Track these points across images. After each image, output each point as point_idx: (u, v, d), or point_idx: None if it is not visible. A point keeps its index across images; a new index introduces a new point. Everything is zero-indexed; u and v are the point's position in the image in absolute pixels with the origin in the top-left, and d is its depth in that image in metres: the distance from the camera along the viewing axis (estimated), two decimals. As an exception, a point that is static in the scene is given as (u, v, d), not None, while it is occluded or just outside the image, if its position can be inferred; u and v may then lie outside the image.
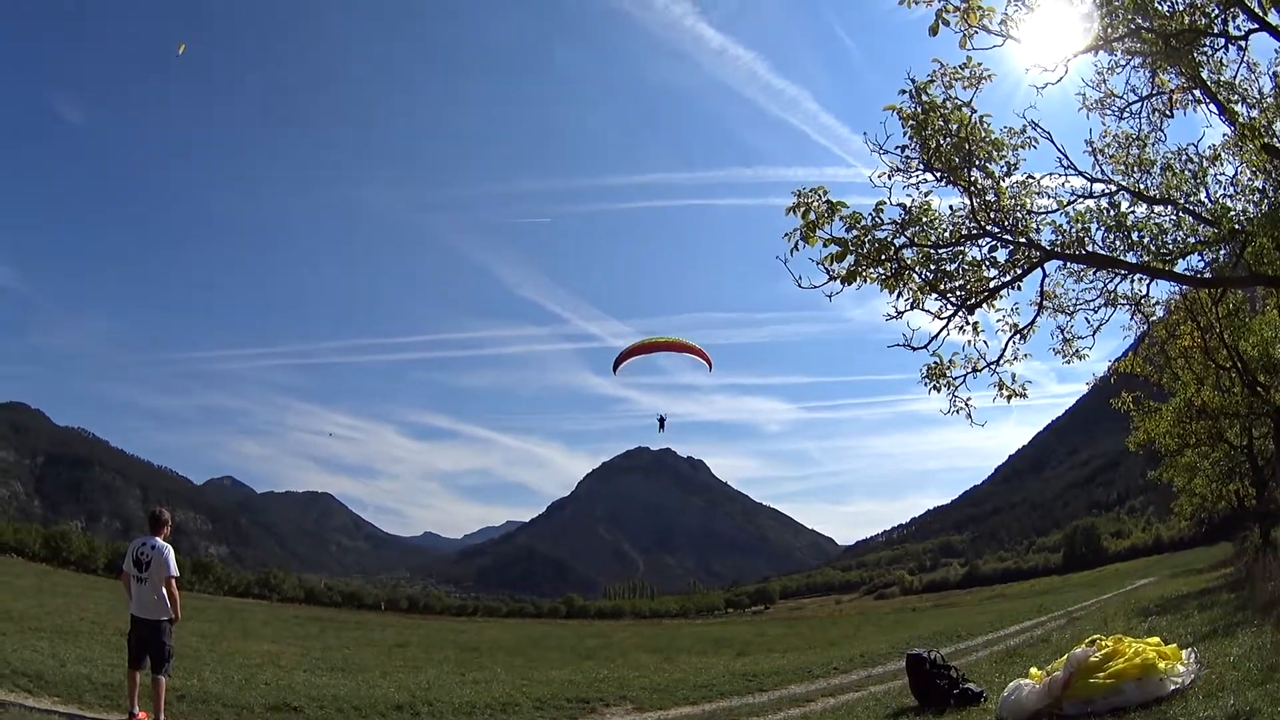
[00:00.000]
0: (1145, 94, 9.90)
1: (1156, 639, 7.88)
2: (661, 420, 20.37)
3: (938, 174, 7.40)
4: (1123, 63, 9.68)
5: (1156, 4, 8.94)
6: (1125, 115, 9.68)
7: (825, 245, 6.89)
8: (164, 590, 7.60)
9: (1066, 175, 8.77)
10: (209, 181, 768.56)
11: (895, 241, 7.19)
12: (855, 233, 6.96)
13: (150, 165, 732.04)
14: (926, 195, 7.38)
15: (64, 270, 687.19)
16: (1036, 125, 8.40)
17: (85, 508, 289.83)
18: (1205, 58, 9.25)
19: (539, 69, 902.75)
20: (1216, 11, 8.83)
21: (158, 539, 7.75)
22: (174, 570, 7.69)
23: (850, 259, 6.96)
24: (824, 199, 6.86)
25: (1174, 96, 9.81)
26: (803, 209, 6.83)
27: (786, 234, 6.75)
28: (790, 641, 26.69)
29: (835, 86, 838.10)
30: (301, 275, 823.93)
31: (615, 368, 18.38)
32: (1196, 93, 9.53)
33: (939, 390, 7.79)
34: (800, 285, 6.95)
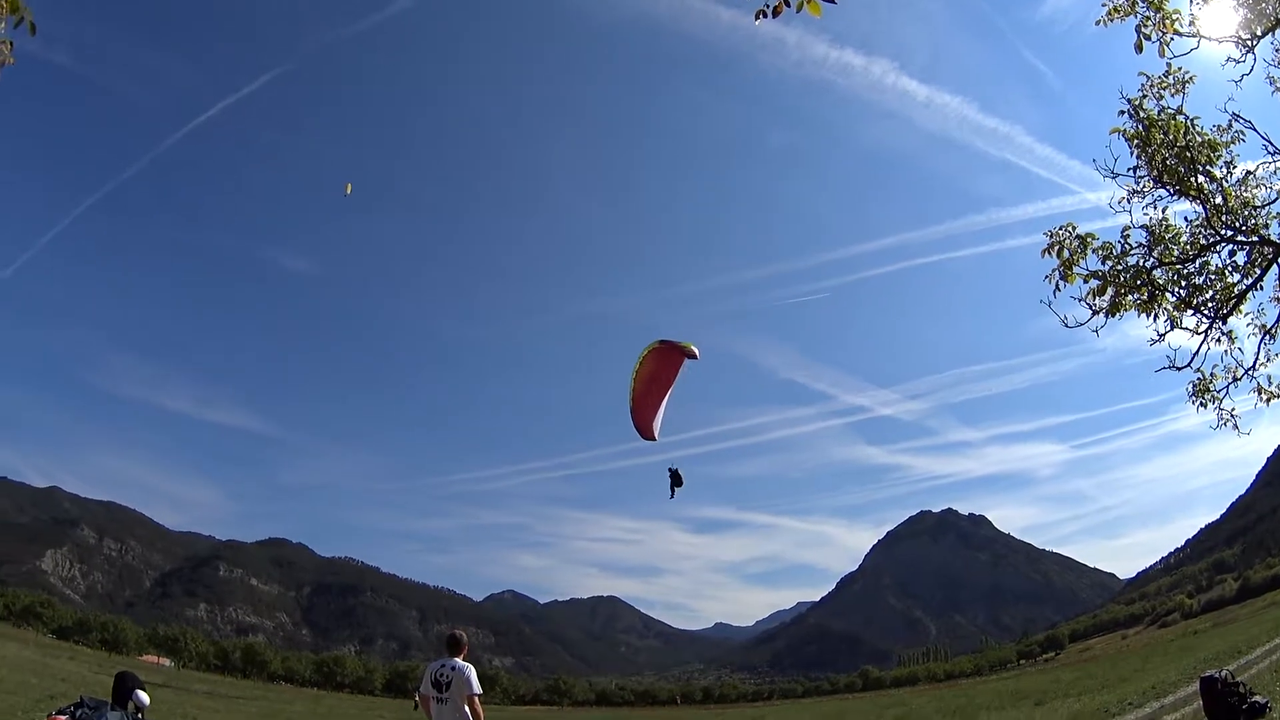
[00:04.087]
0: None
1: None
2: (673, 475, 11.98)
3: (1170, 188, 7.22)
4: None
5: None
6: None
7: (1085, 281, 6.74)
8: (466, 709, 7.69)
9: (1275, 161, 8.48)
10: (440, 312, 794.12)
11: (1146, 264, 7.00)
12: (1110, 263, 6.80)
13: (381, 301, 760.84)
14: (1164, 212, 7.19)
15: (307, 410, 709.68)
16: (1240, 117, 8.19)
17: (358, 633, 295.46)
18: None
19: (757, 154, 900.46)
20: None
21: (457, 660, 7.87)
22: (476, 689, 7.76)
23: (1111, 291, 6.79)
24: (1074, 235, 6.75)
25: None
26: (1057, 248, 6.71)
27: (1046, 276, 6.66)
28: (1083, 684, 25.82)
29: (1042, 115, 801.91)
30: (549, 390, 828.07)
31: (650, 434, 11.59)
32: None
33: (1205, 406, 7.49)
34: (1066, 325, 6.81)
